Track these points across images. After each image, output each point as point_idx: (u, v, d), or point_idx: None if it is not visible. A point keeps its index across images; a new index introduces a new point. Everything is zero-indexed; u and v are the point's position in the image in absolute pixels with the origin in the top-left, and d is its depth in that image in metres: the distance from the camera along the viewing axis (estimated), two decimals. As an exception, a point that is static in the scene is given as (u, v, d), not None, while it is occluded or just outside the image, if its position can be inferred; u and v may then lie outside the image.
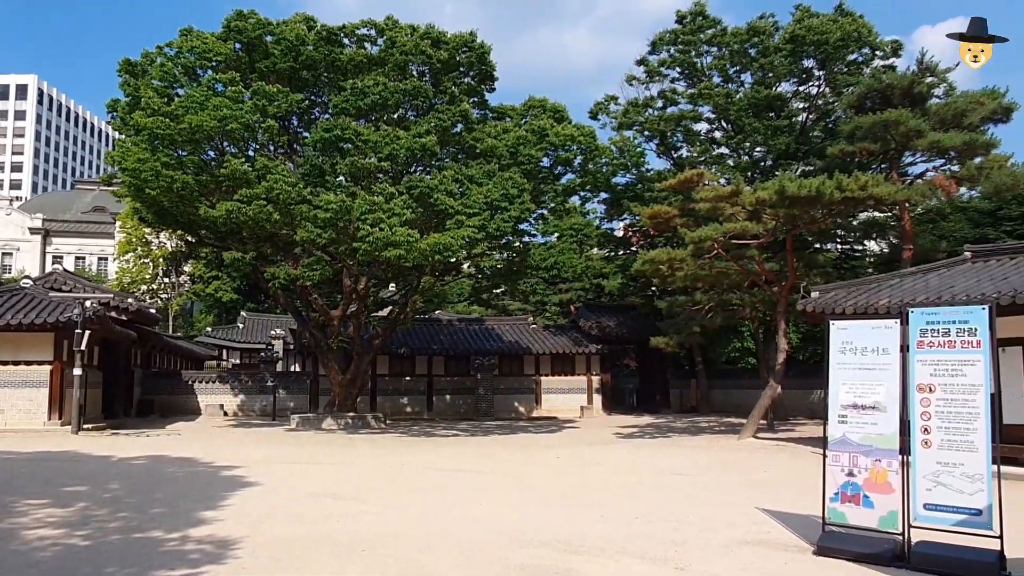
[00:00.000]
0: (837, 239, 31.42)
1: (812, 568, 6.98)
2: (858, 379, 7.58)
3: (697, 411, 35.98)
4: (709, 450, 19.72)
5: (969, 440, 6.86)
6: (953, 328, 7.05)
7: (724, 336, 38.82)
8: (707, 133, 35.46)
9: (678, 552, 7.63)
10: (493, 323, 38.88)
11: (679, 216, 23.37)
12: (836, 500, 7.57)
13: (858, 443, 7.48)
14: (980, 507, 6.71)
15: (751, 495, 11.59)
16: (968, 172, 22.71)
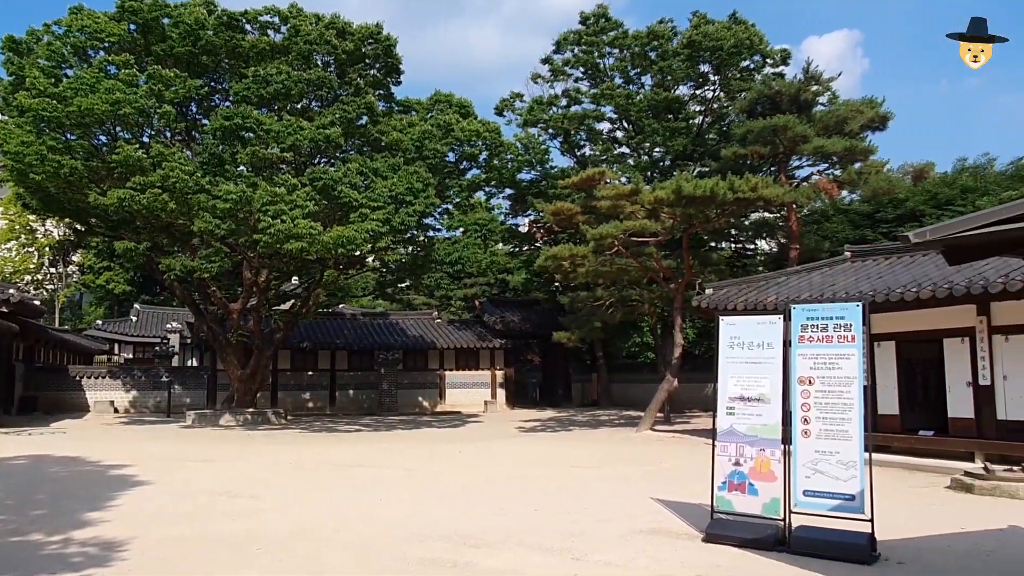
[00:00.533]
0: (731, 238, 32.76)
1: (700, 554, 7.28)
2: (745, 372, 7.96)
3: (598, 404, 36.77)
4: (608, 443, 20.21)
5: (844, 430, 7.31)
6: (831, 324, 7.50)
7: (624, 331, 39.79)
8: (609, 132, 36.31)
9: (575, 542, 7.83)
10: (398, 317, 38.60)
11: (581, 213, 23.81)
12: (724, 489, 7.93)
13: (744, 434, 7.86)
14: (853, 493, 7.17)
15: (647, 486, 11.97)
16: (849, 176, 24.12)
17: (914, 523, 8.82)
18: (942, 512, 9.71)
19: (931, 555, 7.27)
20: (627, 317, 29.09)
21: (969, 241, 4.40)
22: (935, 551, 7.44)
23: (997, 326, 14.27)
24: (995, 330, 14.30)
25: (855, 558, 6.85)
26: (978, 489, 11.21)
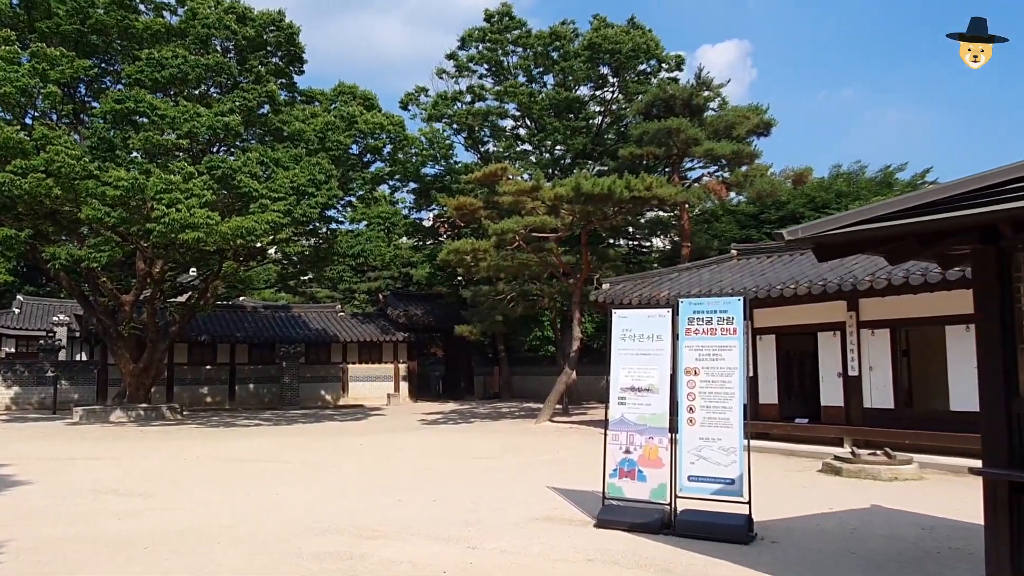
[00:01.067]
0: (627, 236, 33.76)
1: (591, 539, 7.63)
2: (636, 364, 8.36)
3: (499, 397, 37.20)
4: (508, 434, 20.55)
5: (726, 417, 7.80)
6: (715, 317, 7.98)
7: (525, 325, 40.35)
8: (512, 130, 36.73)
9: (471, 531, 8.04)
10: (300, 310, 37.90)
11: (484, 208, 24.07)
12: (615, 476, 8.31)
13: (635, 423, 8.26)
14: (733, 477, 7.67)
15: (543, 475, 12.32)
16: (736, 179, 25.35)
17: (788, 504, 9.46)
18: (813, 494, 10.44)
19: (801, 534, 7.86)
20: (528, 311, 29.59)
21: (836, 239, 4.83)
22: (805, 530, 8.04)
23: (864, 321, 15.36)
24: (863, 325, 15.39)
25: (734, 538, 7.35)
26: (846, 472, 12.09)
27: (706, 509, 7.87)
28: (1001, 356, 4.72)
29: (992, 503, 4.75)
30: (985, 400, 4.79)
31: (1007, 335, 4.66)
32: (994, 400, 4.75)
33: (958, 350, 13.76)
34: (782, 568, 6.47)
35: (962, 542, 7.48)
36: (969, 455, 13.05)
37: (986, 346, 4.81)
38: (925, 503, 9.65)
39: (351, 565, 6.71)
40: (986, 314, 4.82)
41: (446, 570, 6.52)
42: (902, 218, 4.54)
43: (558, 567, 6.62)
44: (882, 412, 14.91)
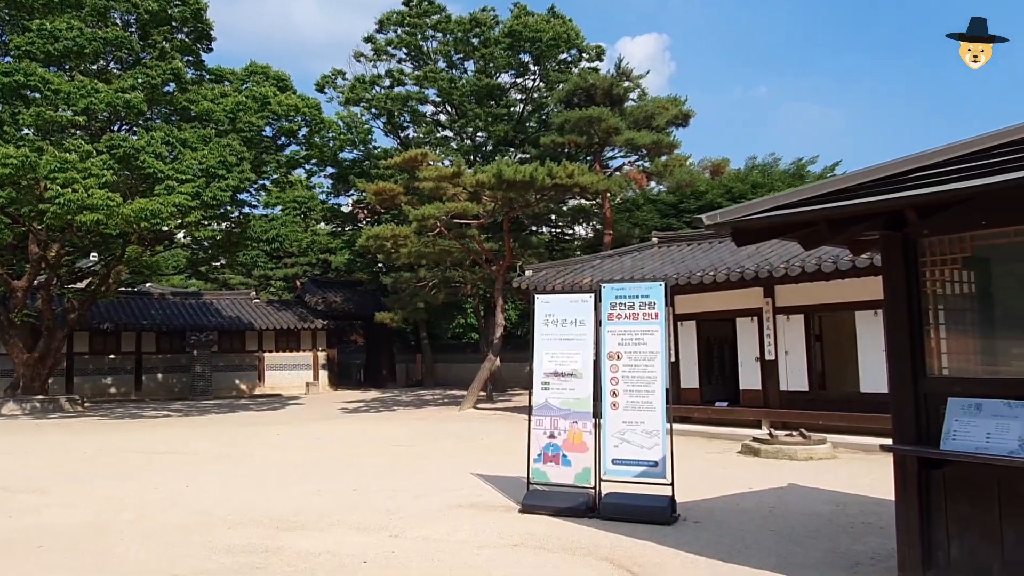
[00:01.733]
0: (550, 223, 33.87)
1: (516, 524, 7.53)
2: (559, 349, 8.29)
3: (422, 385, 36.95)
4: (431, 421, 20.35)
5: (649, 401, 7.82)
6: (637, 302, 7.97)
7: (448, 312, 40.12)
8: (433, 115, 36.31)
9: (393, 520, 7.84)
10: (212, 297, 36.57)
11: (404, 194, 23.67)
12: (539, 461, 8.24)
13: (558, 407, 8.20)
14: (657, 460, 7.70)
15: (468, 462, 12.19)
16: (656, 168, 25.73)
17: (709, 485, 9.60)
18: (733, 474, 10.64)
19: (722, 513, 7.96)
20: (450, 298, 29.38)
21: (754, 224, 4.83)
22: (726, 510, 8.15)
23: (780, 307, 15.77)
24: (779, 311, 15.80)
25: (657, 520, 7.37)
26: (763, 453, 12.39)
27: (630, 492, 7.88)
28: (908, 338, 4.82)
29: (902, 478, 4.85)
30: (894, 380, 4.90)
31: (914, 318, 4.76)
32: (902, 380, 4.85)
33: (867, 334, 14.28)
34: (704, 547, 6.52)
35: (873, 516, 7.72)
36: (878, 434, 13.57)
37: (894, 329, 4.91)
38: (838, 480, 9.95)
39: (266, 558, 6.42)
40: (894, 298, 4.91)
41: (367, 560, 6.31)
42: (815, 204, 4.57)
43: (483, 553, 6.49)
44: (797, 395, 15.35)
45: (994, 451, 4.19)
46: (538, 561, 6.23)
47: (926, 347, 4.73)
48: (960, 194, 3.74)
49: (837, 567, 5.89)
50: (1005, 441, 4.17)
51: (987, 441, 4.24)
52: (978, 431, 4.30)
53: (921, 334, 4.73)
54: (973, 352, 4.61)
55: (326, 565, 6.18)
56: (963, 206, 4.30)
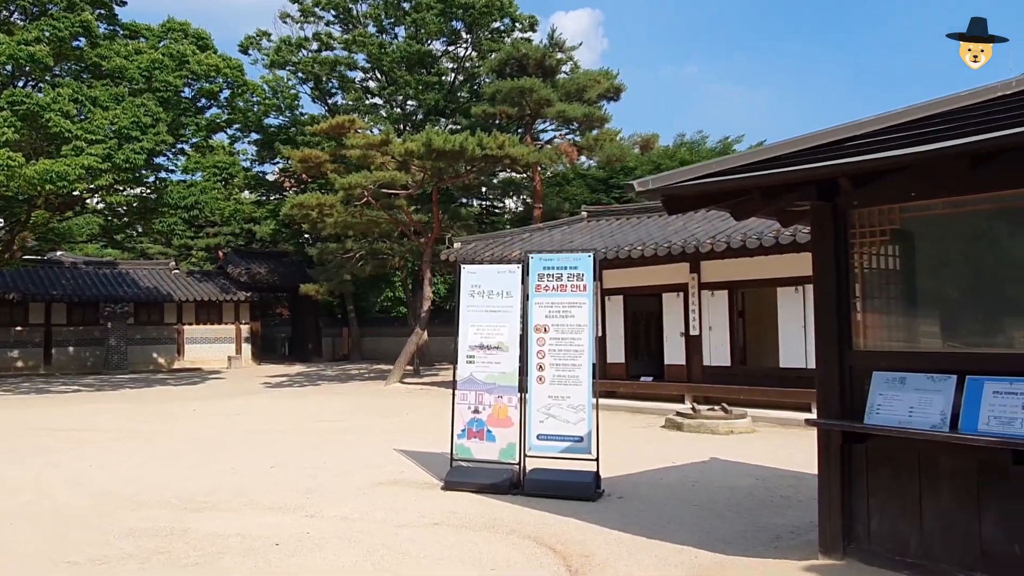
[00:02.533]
0: (480, 196, 33.54)
1: (438, 502, 7.33)
2: (485, 321, 8.07)
3: (349, 359, 36.48)
4: (356, 396, 19.99)
5: (575, 375, 7.69)
6: (565, 273, 7.81)
7: (376, 285, 39.53)
8: (362, 82, 35.32)
9: (311, 499, 7.54)
10: (129, 267, 34.95)
11: (331, 162, 22.99)
12: (463, 436, 8.04)
13: (483, 382, 8.00)
14: (582, 435, 7.59)
15: (391, 437, 11.93)
16: (587, 142, 25.63)
17: (634, 460, 9.59)
18: (657, 449, 10.69)
19: (646, 488, 7.93)
20: (377, 270, 28.81)
21: (685, 191, 4.69)
22: (650, 484, 8.13)
23: (706, 282, 15.92)
24: (704, 286, 15.95)
25: (582, 496, 7.27)
26: (687, 427, 12.52)
27: (555, 467, 7.77)
28: (835, 311, 4.77)
29: (825, 452, 4.83)
30: (820, 353, 4.86)
31: (841, 291, 4.72)
32: (829, 353, 4.81)
33: (788, 310, 14.54)
34: (628, 523, 6.45)
35: (791, 490, 7.81)
36: (796, 408, 13.92)
37: (822, 301, 4.86)
38: (758, 454, 10.09)
39: (169, 542, 6.05)
40: (822, 270, 4.85)
41: (280, 542, 6.01)
42: (748, 172, 4.45)
43: (402, 533, 6.27)
44: (720, 370, 15.57)
45: (917, 425, 4.18)
46: (460, 540, 6.04)
47: (852, 320, 4.68)
48: (899, 161, 3.66)
49: (758, 542, 5.88)
50: (928, 415, 4.15)
51: (910, 415, 4.23)
52: (902, 405, 4.27)
53: (848, 307, 4.68)
54: (898, 326, 4.59)
55: (235, 548, 5.85)
56: (894, 177, 4.24)
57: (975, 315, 4.33)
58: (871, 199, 4.50)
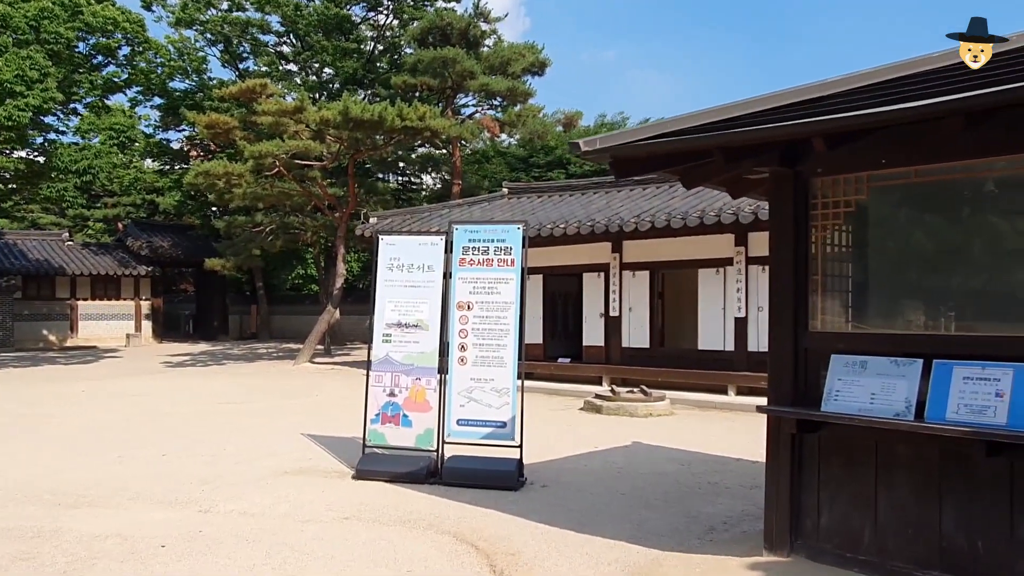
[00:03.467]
0: (398, 171, 32.60)
1: (348, 493, 6.74)
2: (404, 297, 7.47)
3: (257, 337, 35.25)
4: (263, 376, 19.04)
5: (500, 356, 7.19)
6: (492, 246, 7.28)
7: (287, 261, 38.10)
8: (275, 46, 33.67)
9: (206, 491, 6.81)
10: (16, 237, 32.38)
11: (240, 129, 21.73)
12: (377, 421, 7.44)
13: (400, 362, 7.41)
14: (505, 420, 7.11)
15: (300, 421, 11.22)
16: (509, 118, 25.06)
17: (555, 445, 9.21)
18: (578, 432, 10.35)
19: (570, 475, 7.53)
20: (288, 245, 27.60)
21: (635, 152, 4.24)
22: (574, 471, 7.74)
23: (627, 263, 15.69)
24: (625, 266, 15.72)
25: (505, 485, 6.80)
26: (606, 410, 12.26)
27: (476, 455, 7.27)
28: (792, 288, 4.41)
29: (775, 442, 4.49)
30: (774, 333, 4.49)
31: (799, 266, 4.35)
32: (782, 333, 4.45)
33: (709, 292, 14.46)
34: (555, 515, 6.02)
35: (717, 476, 7.56)
36: (713, 390, 13.89)
37: (778, 276, 4.48)
38: (679, 438, 9.88)
39: (36, 545, 5.26)
40: (779, 243, 4.48)
41: (167, 543, 5.31)
42: (707, 132, 4.01)
43: (309, 529, 5.65)
44: (639, 351, 15.40)
45: (879, 412, 3.85)
46: (371, 537, 5.47)
47: (809, 299, 4.32)
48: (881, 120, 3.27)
49: (692, 534, 5.54)
50: (891, 402, 3.83)
51: (872, 402, 3.90)
52: (862, 391, 3.94)
53: (806, 284, 4.32)
54: (860, 306, 4.26)
55: (113, 552, 5.12)
56: (865, 141, 3.88)
57: (943, 295, 4.03)
58: (837, 166, 4.13)
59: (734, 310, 14.05)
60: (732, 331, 14.08)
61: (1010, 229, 3.87)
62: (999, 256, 3.85)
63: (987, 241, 3.91)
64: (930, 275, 4.09)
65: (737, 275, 14.02)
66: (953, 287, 4.03)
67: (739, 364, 13.90)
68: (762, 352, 13.79)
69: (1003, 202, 3.78)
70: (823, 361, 4.20)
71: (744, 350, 13.89)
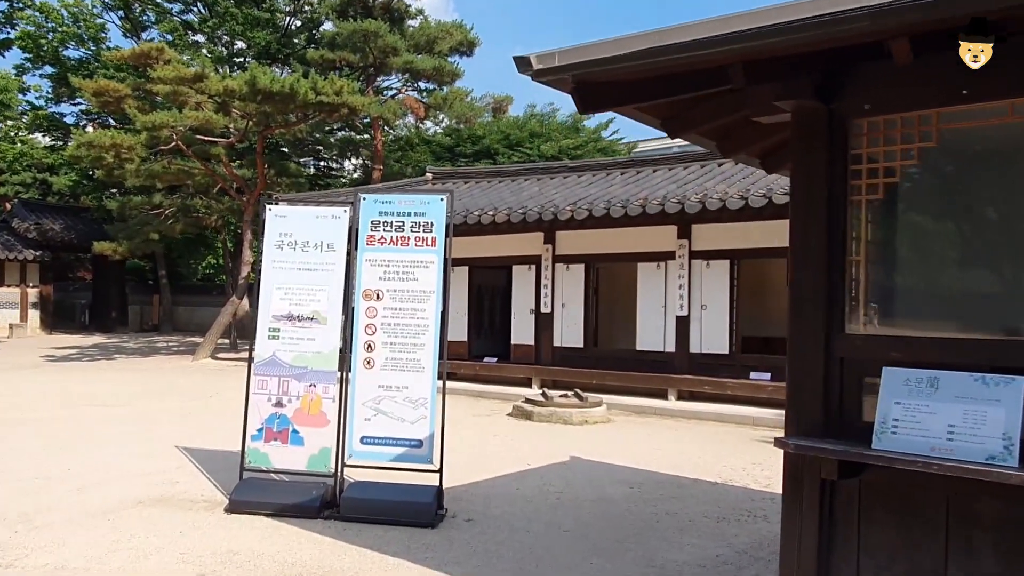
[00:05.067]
0: (315, 155, 30.59)
1: (216, 534, 5.22)
2: (296, 282, 5.96)
3: (159, 330, 32.86)
4: (156, 373, 17.09)
5: (416, 358, 5.78)
6: (408, 221, 5.85)
7: (194, 248, 35.64)
8: (181, 14, 31.10)
9: (23, 532, 5.13)
10: None
11: (133, 97, 19.53)
12: (259, 438, 5.91)
13: (290, 364, 5.91)
14: (422, 438, 5.70)
15: (181, 428, 9.55)
16: (436, 100, 23.54)
17: (482, 461, 7.89)
18: (507, 444, 9.05)
19: (500, 503, 6.20)
20: (190, 229, 25.38)
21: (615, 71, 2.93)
22: (504, 497, 6.41)
23: (560, 255, 14.49)
24: (558, 259, 14.52)
25: (419, 521, 5.39)
26: (537, 416, 11.00)
27: (384, 481, 5.85)
28: (823, 273, 3.14)
29: (795, 485, 3.21)
30: (796, 338, 3.20)
31: (834, 241, 3.10)
32: (809, 338, 3.17)
33: (648, 289, 13.37)
34: (482, 564, 4.68)
35: (675, 504, 6.37)
36: (652, 395, 12.80)
37: (801, 257, 3.21)
38: (622, 451, 8.70)
39: None
40: (806, 210, 3.20)
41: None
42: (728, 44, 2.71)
43: (148, 592, 4.14)
44: (572, 351, 14.23)
45: (964, 454, 2.63)
46: (233, 606, 4.00)
47: (847, 289, 3.08)
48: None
49: (662, 593, 4.28)
50: (980, 439, 2.63)
51: (950, 438, 2.69)
52: (934, 422, 2.72)
53: (843, 267, 3.07)
54: (926, 297, 3.03)
55: None
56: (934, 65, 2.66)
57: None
58: (894, 102, 2.90)
59: (676, 308, 12.98)
60: (673, 331, 13.01)
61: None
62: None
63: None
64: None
65: (679, 270, 12.95)
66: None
67: (680, 366, 12.84)
68: (705, 354, 12.84)
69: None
70: (866, 375, 2.96)
71: (686, 351, 12.83)
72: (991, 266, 2.89)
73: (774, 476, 7.46)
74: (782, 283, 14.82)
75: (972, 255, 2.94)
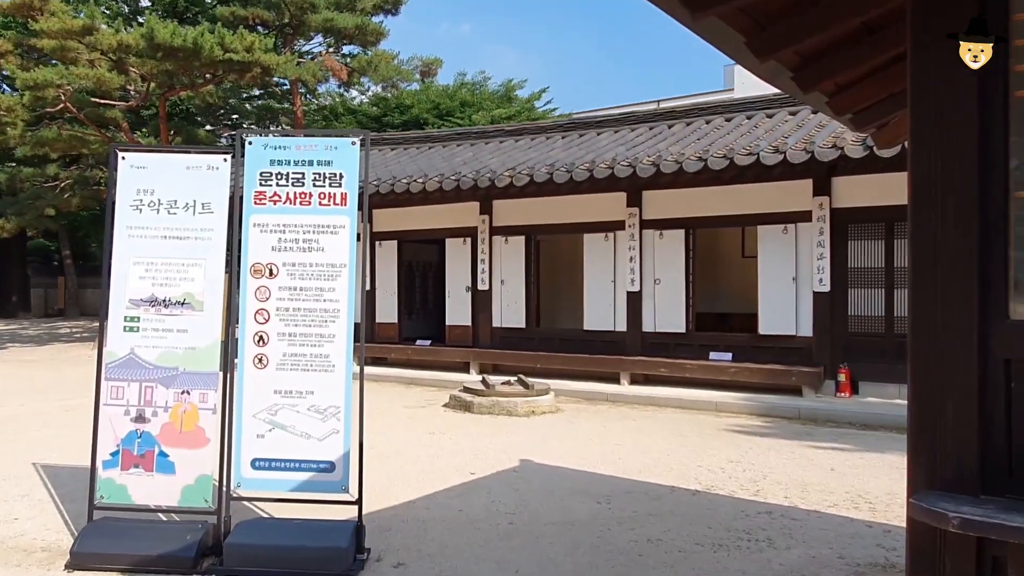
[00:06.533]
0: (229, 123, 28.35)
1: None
2: (162, 255, 4.46)
3: (64, 315, 30.61)
4: (47, 365, 15.25)
5: (323, 354, 4.37)
6: (309, 172, 4.41)
7: (102, 226, 33.04)
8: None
9: None
10: None
11: (16, 55, 17.30)
12: (114, 465, 4.43)
13: (155, 365, 4.43)
14: (332, 459, 4.31)
15: (50, 436, 7.99)
16: (360, 64, 21.81)
17: (414, 470, 6.57)
18: (445, 445, 7.73)
19: (439, 533, 4.89)
20: (90, 204, 23.07)
21: None
22: (444, 523, 5.11)
23: (498, 226, 13.26)
24: (496, 231, 13.28)
25: (331, 571, 4.03)
26: (477, 407, 9.74)
27: (284, 517, 4.47)
28: (974, 222, 1.91)
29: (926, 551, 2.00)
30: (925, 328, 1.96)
31: (991, 169, 1.89)
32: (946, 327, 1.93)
33: (596, 262, 12.21)
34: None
35: (656, 524, 5.19)
36: (601, 379, 11.66)
37: (932, 195, 1.97)
38: (578, 449, 7.52)
39: None
40: (939, 114, 1.96)
41: None
42: None
43: None
44: (513, 332, 13.01)
45: None
46: None
47: (1009, 258, 1.86)
48: None
49: None
50: None
51: None
52: None
53: (1006, 211, 1.85)
54: None
55: None
56: None
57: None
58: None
59: (626, 283, 11.84)
60: (624, 308, 11.88)
61: None
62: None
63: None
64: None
65: (630, 241, 11.80)
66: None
67: (632, 347, 11.73)
68: (660, 333, 11.73)
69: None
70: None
71: (638, 331, 11.72)
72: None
73: (759, 479, 6.38)
74: (739, 254, 13.68)
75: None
